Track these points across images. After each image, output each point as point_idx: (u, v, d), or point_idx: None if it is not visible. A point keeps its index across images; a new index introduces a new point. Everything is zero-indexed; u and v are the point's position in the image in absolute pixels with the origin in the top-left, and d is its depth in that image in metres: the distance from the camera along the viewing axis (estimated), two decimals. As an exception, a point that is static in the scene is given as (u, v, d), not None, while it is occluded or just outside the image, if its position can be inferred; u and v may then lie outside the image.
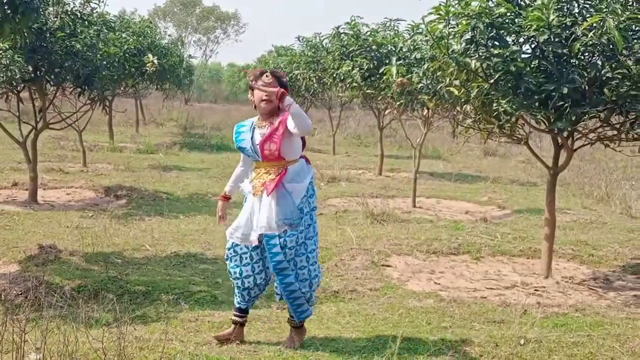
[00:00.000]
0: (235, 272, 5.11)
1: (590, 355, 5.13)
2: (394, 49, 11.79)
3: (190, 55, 30.14)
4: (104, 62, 11.34)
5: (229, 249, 5.17)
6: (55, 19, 9.82)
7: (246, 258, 5.08)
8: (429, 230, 9.70)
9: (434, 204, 12.48)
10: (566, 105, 6.54)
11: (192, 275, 7.06)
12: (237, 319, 5.22)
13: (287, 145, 4.96)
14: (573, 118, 6.66)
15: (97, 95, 11.71)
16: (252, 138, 5.07)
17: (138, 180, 13.10)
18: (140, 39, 16.83)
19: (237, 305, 5.21)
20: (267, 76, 4.99)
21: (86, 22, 10.38)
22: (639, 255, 8.52)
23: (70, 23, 9.99)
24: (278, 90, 4.83)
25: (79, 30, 10.20)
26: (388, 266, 7.79)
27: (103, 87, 11.70)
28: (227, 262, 5.20)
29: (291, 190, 4.96)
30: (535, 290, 7.11)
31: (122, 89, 19.07)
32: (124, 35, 16.01)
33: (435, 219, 10.81)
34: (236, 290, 5.18)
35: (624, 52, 6.35)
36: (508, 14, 6.47)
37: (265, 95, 4.94)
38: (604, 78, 6.51)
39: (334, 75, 13.49)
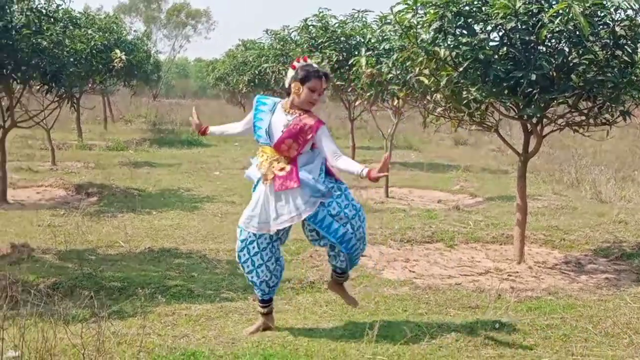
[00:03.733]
0: (248, 266, 5.12)
1: (564, 337, 5.24)
2: (362, 40, 11.84)
3: (157, 51, 29.97)
4: (71, 59, 11.29)
5: (242, 241, 5.12)
6: (21, 16, 9.73)
7: (253, 248, 5.07)
8: (403, 219, 9.80)
9: (406, 194, 12.59)
10: (535, 91, 6.65)
11: (167, 270, 7.07)
12: (262, 310, 5.28)
13: (306, 148, 4.99)
14: (542, 104, 6.77)
15: (64, 92, 11.62)
16: (270, 120, 5.04)
17: (109, 178, 13.06)
18: (106, 35, 16.71)
19: (260, 297, 5.24)
20: (324, 81, 4.98)
21: (52, 19, 10.31)
22: (609, 238, 8.68)
23: (36, 20, 9.89)
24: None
25: (44, 28, 10.12)
26: (363, 256, 7.85)
27: (70, 84, 11.61)
28: (239, 256, 5.15)
29: (306, 174, 4.92)
30: (509, 275, 7.23)
31: (89, 85, 18.95)
32: (90, 31, 15.86)
33: (408, 208, 10.91)
34: (255, 286, 5.20)
35: (590, 38, 6.46)
36: (475, 2, 6.55)
37: (316, 100, 4.97)
38: (571, 64, 6.63)
39: (304, 67, 13.48)
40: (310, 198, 4.87)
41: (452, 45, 6.55)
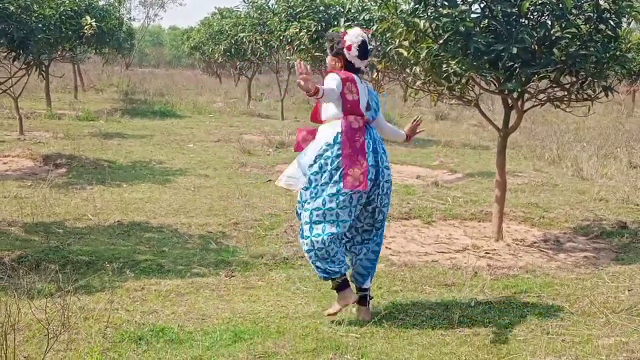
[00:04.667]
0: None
1: (540, 316, 5.29)
2: (342, 10, 11.83)
3: (131, 18, 29.69)
4: (39, 25, 11.17)
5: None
6: (-14, -21, 9.63)
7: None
8: (380, 195, 9.81)
9: (384, 169, 12.60)
10: (516, 65, 6.66)
11: (136, 244, 7.06)
12: (337, 282, 5.07)
13: (322, 109, 5.13)
14: (523, 79, 6.79)
15: (32, 59, 11.52)
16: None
17: (78, 148, 12.96)
18: (77, 0, 16.53)
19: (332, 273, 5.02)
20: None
21: (19, -17, 10.20)
22: (589, 216, 8.76)
23: (3, -16, 9.81)
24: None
25: (11, -8, 10.02)
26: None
27: (39, 51, 11.52)
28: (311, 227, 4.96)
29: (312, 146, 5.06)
30: (486, 253, 7.28)
31: (59, 53, 18.75)
32: (59, -4, 15.72)
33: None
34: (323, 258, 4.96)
35: (574, 11, 6.48)
36: (457, -28, 6.54)
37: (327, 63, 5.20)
38: (554, 38, 6.63)
39: (281, 37, 13.46)
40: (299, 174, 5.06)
41: (432, 17, 6.53)
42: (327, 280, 5.05)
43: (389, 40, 7.56)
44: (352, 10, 11.14)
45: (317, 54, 12.50)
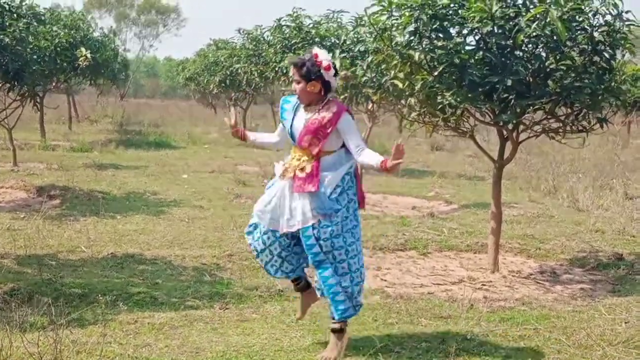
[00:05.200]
0: (257, 246, 5.15)
1: (537, 349, 5.28)
2: (337, 41, 11.87)
3: (125, 49, 29.82)
4: (34, 57, 11.24)
5: (250, 225, 5.18)
6: (-19, 11, 9.68)
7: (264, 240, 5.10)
8: (376, 226, 9.82)
9: (380, 200, 12.62)
10: (511, 97, 6.70)
11: (130, 277, 7.03)
12: (296, 286, 5.31)
13: (328, 143, 4.94)
14: (518, 110, 6.83)
15: (27, 91, 11.56)
16: (293, 119, 5.05)
17: (72, 180, 12.95)
18: (72, 32, 16.62)
19: (288, 278, 5.28)
20: (292, 69, 4.99)
21: (15, 15, 10.23)
22: (585, 248, 8.76)
23: (-2, 16, 9.86)
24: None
25: (7, 24, 10.03)
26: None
27: (34, 83, 11.56)
28: (247, 236, 5.24)
29: (323, 180, 4.88)
30: (482, 284, 7.27)
31: (53, 84, 18.82)
32: (55, 28, 15.81)
33: (382, 214, 10.94)
34: (267, 268, 5.23)
35: (568, 43, 6.53)
36: (451, 5, 6.59)
37: (298, 91, 4.98)
38: (548, 69, 6.70)
39: (276, 68, 13.50)
40: (314, 211, 4.85)
41: (427, 49, 6.58)
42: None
43: (384, 72, 7.58)
44: (348, 42, 11.18)
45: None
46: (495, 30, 6.50)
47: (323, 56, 4.94)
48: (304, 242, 4.91)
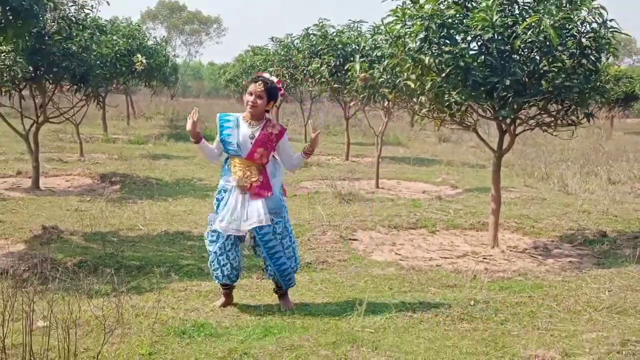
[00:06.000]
0: (214, 265, 5.16)
1: (531, 313, 5.25)
2: (357, 47, 11.84)
3: (175, 55, 29.89)
4: (98, 62, 11.31)
5: (212, 232, 5.14)
6: (53, 23, 9.72)
7: (220, 248, 5.10)
8: (391, 207, 9.80)
9: (394, 185, 12.58)
10: (509, 95, 6.66)
11: (180, 251, 7.07)
12: (225, 290, 5.28)
13: (271, 153, 5.06)
14: (515, 106, 6.78)
15: (91, 92, 11.63)
16: (238, 133, 4.97)
17: (130, 168, 13.04)
18: (129, 40, 16.67)
19: (221, 282, 5.21)
20: (258, 84, 4.94)
21: (81, 26, 10.28)
22: (574, 226, 8.68)
23: (66, 27, 9.89)
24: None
25: (74, 34, 10.10)
26: (354, 240, 7.87)
27: (97, 85, 11.64)
28: (206, 240, 5.23)
29: (273, 185, 5.02)
30: (484, 258, 7.24)
31: (114, 86, 18.92)
32: (114, 37, 15.87)
33: (396, 198, 10.91)
34: (213, 270, 5.18)
35: (559, 48, 6.47)
36: (457, 15, 6.54)
37: (251, 102, 4.94)
38: (542, 71, 6.64)
39: (305, 71, 13.50)
40: (268, 210, 4.96)
41: (435, 54, 6.54)
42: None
43: (398, 74, 7.54)
44: (367, 48, 11.12)
45: (335, 85, 12.53)
46: (496, 37, 6.46)
47: (277, 83, 5.09)
48: (261, 239, 5.00)
